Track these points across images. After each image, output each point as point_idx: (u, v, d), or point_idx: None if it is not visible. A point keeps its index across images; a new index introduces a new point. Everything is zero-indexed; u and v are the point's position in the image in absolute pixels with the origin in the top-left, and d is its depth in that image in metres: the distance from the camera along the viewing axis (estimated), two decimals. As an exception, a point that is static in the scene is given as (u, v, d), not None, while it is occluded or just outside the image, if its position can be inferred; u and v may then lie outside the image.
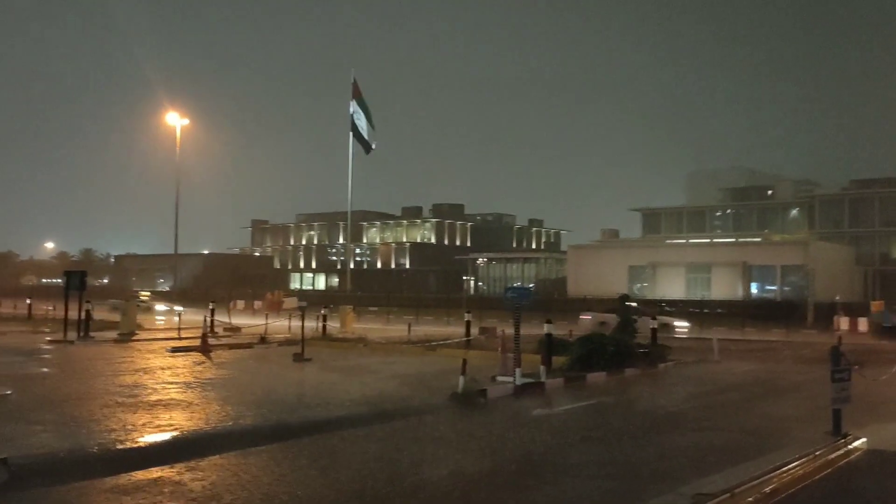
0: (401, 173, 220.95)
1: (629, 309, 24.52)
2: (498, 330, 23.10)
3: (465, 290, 69.77)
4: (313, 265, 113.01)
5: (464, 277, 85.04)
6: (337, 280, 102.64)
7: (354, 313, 35.52)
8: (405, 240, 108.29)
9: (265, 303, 51.04)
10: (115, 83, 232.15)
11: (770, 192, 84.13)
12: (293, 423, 11.51)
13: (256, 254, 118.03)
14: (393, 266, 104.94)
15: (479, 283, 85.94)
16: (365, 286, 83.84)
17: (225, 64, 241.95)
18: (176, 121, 55.97)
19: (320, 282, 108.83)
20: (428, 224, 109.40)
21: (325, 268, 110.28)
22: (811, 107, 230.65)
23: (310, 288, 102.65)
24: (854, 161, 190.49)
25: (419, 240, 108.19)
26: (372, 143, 35.17)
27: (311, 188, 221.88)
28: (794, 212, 77.76)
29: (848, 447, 9.79)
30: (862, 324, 37.55)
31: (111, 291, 72.54)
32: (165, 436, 10.25)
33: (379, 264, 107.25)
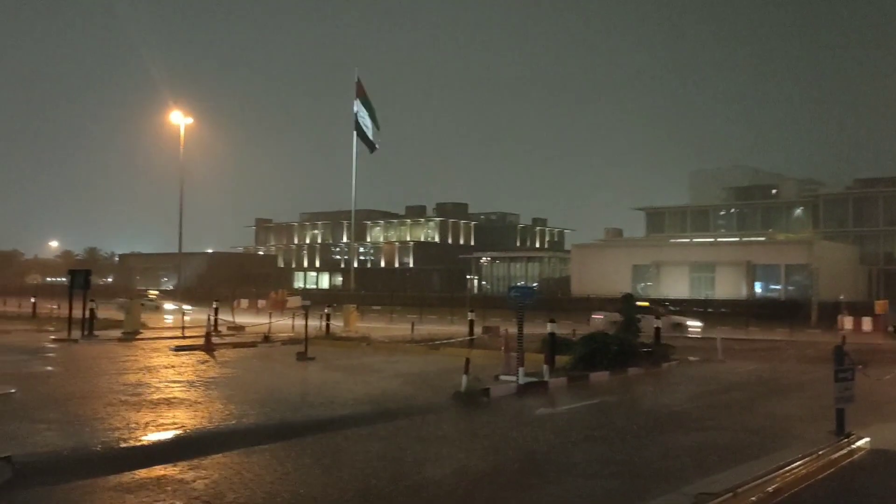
0: (404, 172, 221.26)
1: (633, 308, 24.49)
2: (501, 329, 23.14)
3: (469, 290, 69.78)
4: (317, 264, 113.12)
5: (467, 276, 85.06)
6: (341, 279, 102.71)
7: (358, 312, 35.55)
8: (409, 239, 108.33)
9: (269, 302, 51.01)
10: (119, 82, 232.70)
11: (774, 191, 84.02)
12: (296, 421, 11.54)
13: (260, 253, 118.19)
14: (396, 265, 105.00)
15: (483, 283, 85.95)
16: (368, 285, 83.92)
17: (228, 63, 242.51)
18: (180, 120, 56.07)
19: (324, 281, 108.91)
20: (432, 223, 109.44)
21: (329, 267, 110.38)
22: (815, 106, 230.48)
23: (313, 287, 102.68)
24: (858, 160, 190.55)
25: (423, 239, 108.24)
26: (376, 143, 35.22)
27: (315, 187, 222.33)
28: (798, 211, 77.63)
29: (851, 447, 9.78)
30: (866, 323, 37.49)
31: (115, 290, 72.64)
32: (169, 434, 10.27)
33: (382, 263, 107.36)
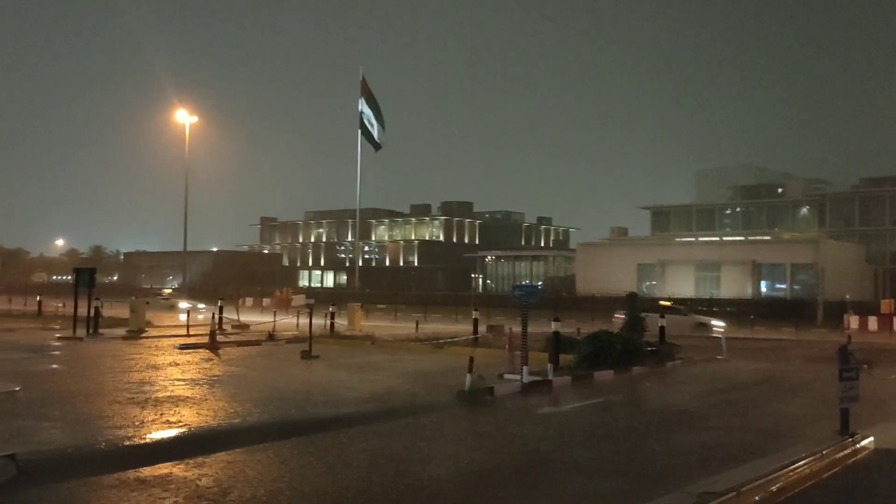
0: (409, 171, 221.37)
1: (637, 307, 24.47)
2: (506, 328, 23.14)
3: (474, 288, 69.76)
4: (322, 263, 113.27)
5: (472, 275, 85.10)
6: (345, 277, 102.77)
7: (363, 311, 35.63)
8: (414, 237, 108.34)
9: (274, 300, 51.00)
10: (124, 81, 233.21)
11: (780, 190, 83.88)
12: (300, 419, 11.55)
13: (265, 251, 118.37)
14: (401, 264, 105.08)
15: (488, 281, 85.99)
16: (373, 284, 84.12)
17: (234, 62, 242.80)
18: (185, 118, 56.30)
19: (329, 279, 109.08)
20: (436, 222, 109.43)
21: (334, 265, 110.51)
22: (822, 105, 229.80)
23: (318, 285, 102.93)
24: (865, 159, 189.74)
25: (428, 237, 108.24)
26: (381, 142, 35.31)
27: (320, 186, 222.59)
28: (805, 210, 77.46)
29: (855, 446, 9.76)
30: (872, 322, 37.40)
31: (121, 289, 72.84)
32: (173, 432, 10.29)
33: (387, 262, 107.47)
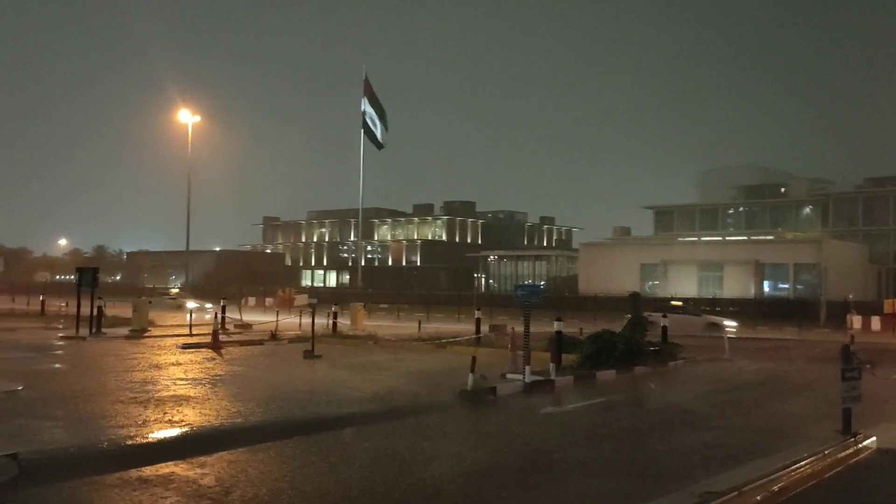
0: (412, 171, 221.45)
1: (640, 307, 24.50)
2: (508, 328, 23.15)
3: (476, 288, 69.79)
4: (324, 262, 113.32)
5: (475, 275, 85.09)
6: (348, 277, 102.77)
7: (365, 310, 35.66)
8: (416, 237, 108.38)
9: (276, 300, 51.16)
10: (127, 81, 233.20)
11: (783, 189, 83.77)
12: (303, 419, 11.55)
13: (268, 251, 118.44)
14: (404, 263, 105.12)
15: (490, 281, 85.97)
16: (376, 283, 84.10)
17: (236, 61, 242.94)
18: (187, 118, 56.34)
19: (331, 279, 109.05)
20: (439, 221, 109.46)
21: (337, 265, 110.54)
22: (826, 104, 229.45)
23: (321, 285, 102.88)
24: (868, 159, 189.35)
25: (430, 237, 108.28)
26: (383, 141, 35.33)
27: (323, 185, 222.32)
28: (808, 210, 77.35)
29: (858, 446, 9.75)
30: (875, 322, 37.34)
31: (124, 288, 72.92)
32: (175, 431, 10.30)
33: (390, 261, 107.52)
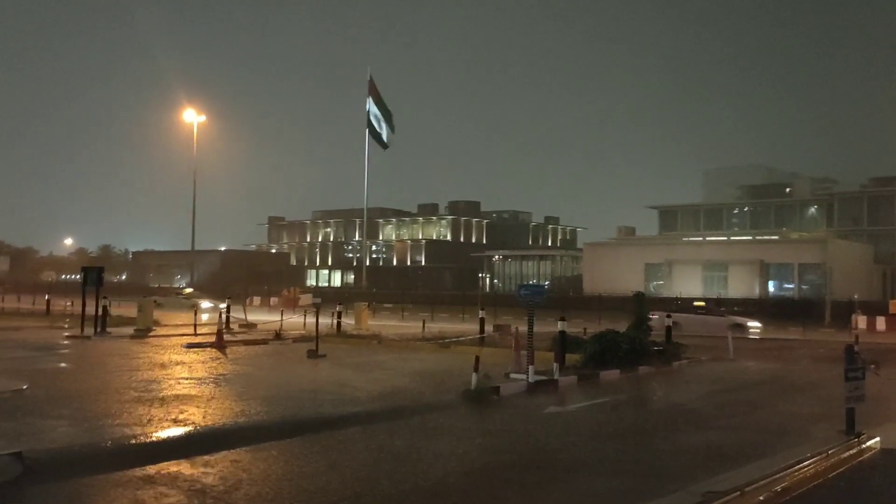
0: (417, 170, 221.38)
1: (644, 306, 24.43)
2: (512, 327, 23.12)
3: (481, 288, 69.79)
4: (329, 262, 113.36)
5: (479, 275, 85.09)
6: (353, 277, 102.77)
7: (370, 310, 35.67)
8: (421, 237, 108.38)
9: (281, 299, 51.23)
10: (132, 81, 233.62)
11: (788, 189, 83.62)
12: (306, 418, 11.58)
13: (273, 251, 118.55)
14: (409, 263, 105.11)
15: (495, 281, 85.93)
16: (380, 283, 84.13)
17: (241, 61, 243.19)
18: (193, 118, 56.54)
19: (336, 279, 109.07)
20: (444, 221, 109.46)
21: (342, 265, 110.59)
22: (830, 104, 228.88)
23: (326, 285, 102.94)
24: (873, 158, 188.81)
25: (435, 237, 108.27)
26: (388, 142, 35.34)
27: (328, 185, 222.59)
28: (813, 209, 77.19)
29: (861, 446, 9.74)
30: (880, 322, 37.25)
31: (129, 288, 73.05)
32: (179, 430, 10.33)
33: (395, 261, 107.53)
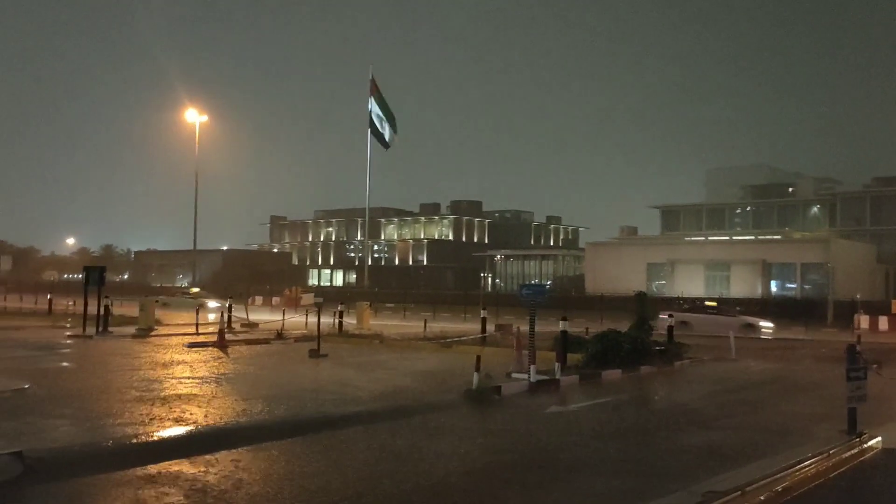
0: (419, 170, 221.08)
1: (646, 306, 24.42)
2: (514, 327, 23.12)
3: (483, 287, 69.78)
4: (331, 261, 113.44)
5: (481, 274, 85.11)
6: (355, 276, 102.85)
7: (371, 310, 35.65)
8: (423, 236, 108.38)
9: (283, 299, 51.25)
10: (134, 80, 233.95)
11: (791, 189, 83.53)
12: (307, 418, 11.58)
13: (275, 250, 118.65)
14: (410, 263, 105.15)
15: (497, 280, 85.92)
16: (382, 282, 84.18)
17: (243, 60, 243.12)
18: (195, 117, 56.52)
19: (338, 278, 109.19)
20: (446, 221, 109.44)
21: (343, 264, 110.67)
22: (833, 104, 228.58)
23: (328, 284, 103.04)
24: (876, 158, 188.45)
25: (437, 236, 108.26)
26: (390, 141, 35.34)
27: (330, 185, 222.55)
28: (815, 209, 77.12)
29: (863, 446, 9.72)
30: (882, 322, 37.19)
31: (131, 287, 73.16)
32: (181, 430, 10.33)
33: (396, 261, 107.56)
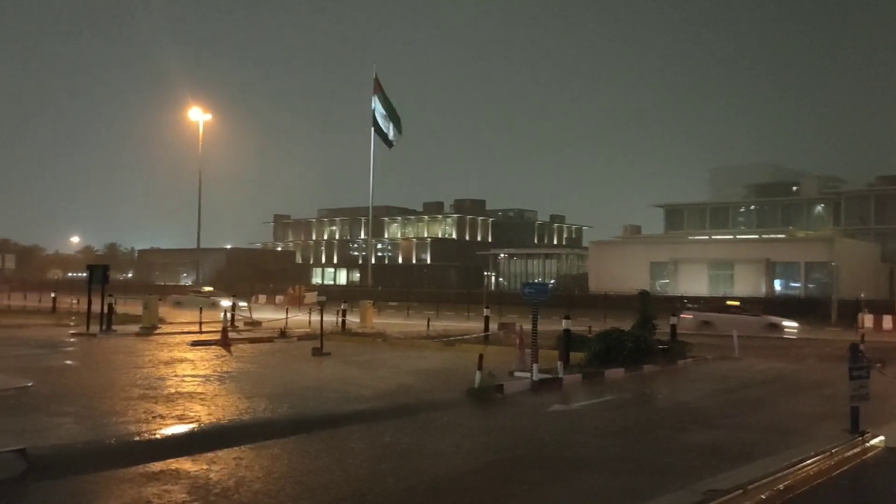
0: (422, 169, 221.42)
1: (649, 305, 24.40)
2: (517, 326, 23.12)
3: (486, 286, 69.76)
4: (335, 260, 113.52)
5: (484, 273, 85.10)
6: (358, 275, 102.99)
7: (375, 308, 35.70)
8: (426, 235, 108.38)
9: (286, 297, 51.29)
10: (138, 79, 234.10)
11: (795, 188, 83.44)
12: (310, 416, 11.59)
13: (278, 249, 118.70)
14: (414, 261, 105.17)
15: (500, 279, 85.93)
16: (386, 281, 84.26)
17: (247, 59, 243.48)
18: (199, 116, 56.52)
19: (341, 277, 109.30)
20: (449, 219, 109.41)
21: (347, 263, 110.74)
22: (837, 102, 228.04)
23: (331, 283, 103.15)
24: (881, 157, 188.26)
25: (440, 235, 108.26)
26: (394, 140, 35.36)
27: (334, 183, 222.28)
28: (819, 208, 76.98)
29: (865, 445, 9.71)
30: (887, 321, 37.12)
31: (135, 286, 73.28)
32: (184, 427, 10.35)
33: (400, 259, 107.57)
